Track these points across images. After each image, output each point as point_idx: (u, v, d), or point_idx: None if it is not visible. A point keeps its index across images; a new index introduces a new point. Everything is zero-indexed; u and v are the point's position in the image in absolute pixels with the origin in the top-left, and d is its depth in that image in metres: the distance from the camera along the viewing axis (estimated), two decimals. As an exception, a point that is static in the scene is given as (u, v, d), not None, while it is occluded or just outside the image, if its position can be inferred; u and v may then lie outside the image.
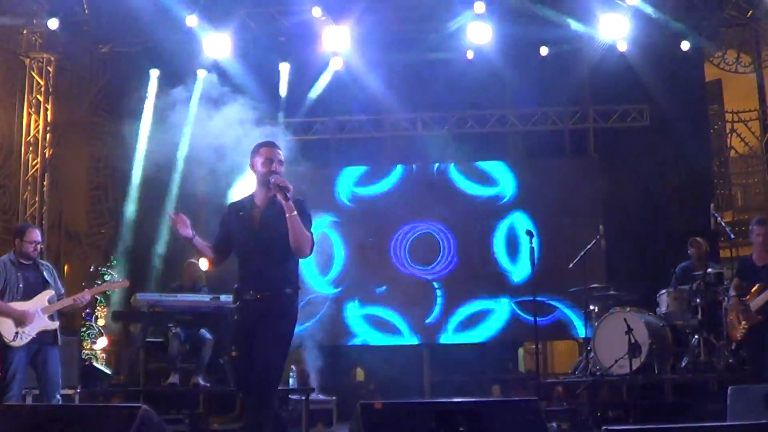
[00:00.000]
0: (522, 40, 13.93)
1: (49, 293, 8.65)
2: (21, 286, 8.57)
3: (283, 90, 14.26)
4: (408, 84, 14.45)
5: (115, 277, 15.03)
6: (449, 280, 14.37)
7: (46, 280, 8.70)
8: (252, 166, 6.24)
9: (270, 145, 6.23)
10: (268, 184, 6.05)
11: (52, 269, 9.00)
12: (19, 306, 8.46)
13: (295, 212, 5.90)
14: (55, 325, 8.63)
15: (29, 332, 8.44)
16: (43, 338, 8.53)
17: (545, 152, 15.21)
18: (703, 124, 15.18)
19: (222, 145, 13.10)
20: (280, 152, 6.22)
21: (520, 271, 14.15)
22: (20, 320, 8.40)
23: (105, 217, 16.14)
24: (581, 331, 12.91)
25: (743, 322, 9.44)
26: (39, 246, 8.80)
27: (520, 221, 14.28)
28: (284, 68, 14.36)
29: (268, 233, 6.06)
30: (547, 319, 13.92)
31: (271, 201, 6.10)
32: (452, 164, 14.67)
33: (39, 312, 8.52)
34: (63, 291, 8.99)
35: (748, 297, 9.43)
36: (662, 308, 11.16)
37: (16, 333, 8.39)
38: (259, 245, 6.08)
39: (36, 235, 8.76)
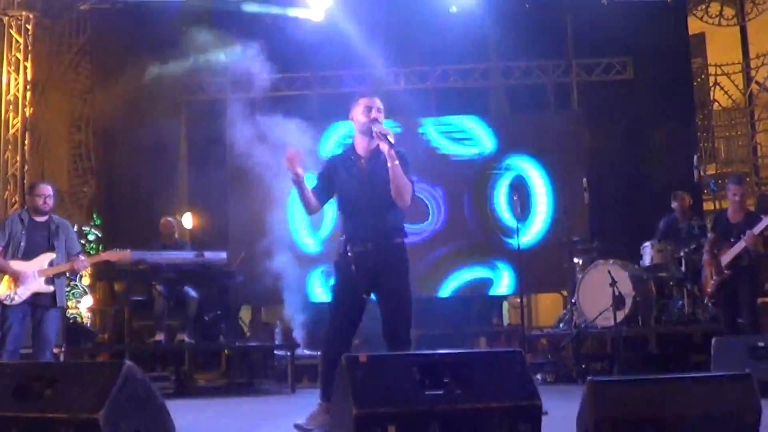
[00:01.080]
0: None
1: (49, 256, 8.62)
2: (23, 244, 8.56)
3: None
4: (390, 39, 14.34)
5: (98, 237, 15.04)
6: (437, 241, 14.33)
7: (52, 243, 8.66)
8: (352, 117, 6.31)
9: (369, 95, 6.34)
10: (369, 132, 6.15)
11: (69, 228, 8.95)
12: (16, 265, 8.45)
13: (397, 161, 5.98)
14: (51, 288, 8.59)
15: (21, 293, 8.42)
16: (39, 300, 8.52)
17: (528, 107, 15.19)
18: (687, 77, 15.17)
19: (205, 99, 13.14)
20: (379, 101, 6.28)
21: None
22: (15, 280, 8.38)
23: (87, 176, 16.07)
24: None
25: (714, 277, 9.53)
26: (49, 200, 8.74)
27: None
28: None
29: (376, 183, 6.13)
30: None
31: (374, 151, 6.21)
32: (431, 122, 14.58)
33: (35, 273, 8.49)
34: (78, 250, 8.96)
35: (720, 252, 9.51)
36: (646, 260, 11.20)
37: (9, 293, 8.38)
38: (367, 196, 6.17)
39: (46, 189, 8.74)
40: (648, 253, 11.17)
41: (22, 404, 4.73)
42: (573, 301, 11.29)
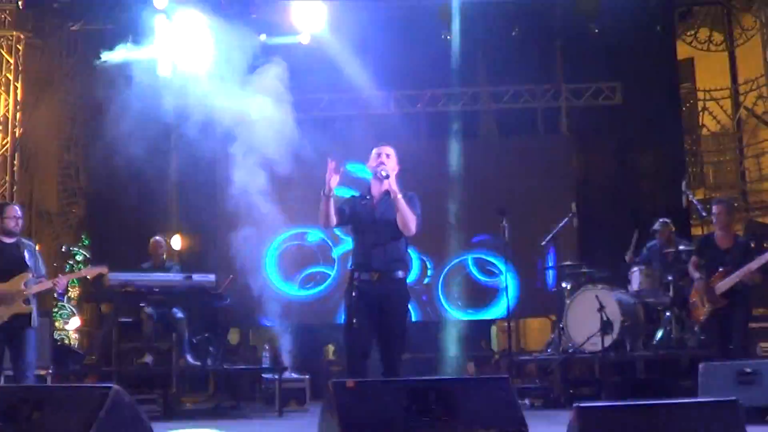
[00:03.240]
0: (494, 18, 13.91)
1: (25, 276, 8.53)
2: None
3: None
4: (380, 62, 14.38)
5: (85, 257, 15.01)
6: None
7: (25, 263, 8.61)
8: (368, 166, 7.05)
9: (379, 146, 7.07)
10: (377, 175, 6.88)
11: (35, 249, 8.88)
12: None
13: (400, 195, 6.74)
14: (30, 308, 8.51)
15: (2, 316, 8.37)
16: (16, 322, 8.46)
17: (518, 131, 15.24)
18: (675, 102, 15.28)
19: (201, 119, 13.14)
20: (389, 149, 7.02)
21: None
22: None
23: (76, 197, 16.06)
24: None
25: (707, 305, 9.48)
26: (20, 221, 8.68)
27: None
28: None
29: (384, 221, 6.85)
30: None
31: (385, 193, 6.90)
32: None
33: (13, 295, 8.44)
34: (44, 272, 8.91)
35: (712, 280, 9.46)
36: (634, 286, 11.20)
37: None
38: (375, 231, 6.86)
39: (15, 210, 8.66)
40: (636, 278, 11.17)
41: (9, 427, 4.71)
42: (561, 325, 11.28)
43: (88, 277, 9.67)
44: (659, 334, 11.00)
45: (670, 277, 10.82)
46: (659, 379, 11.03)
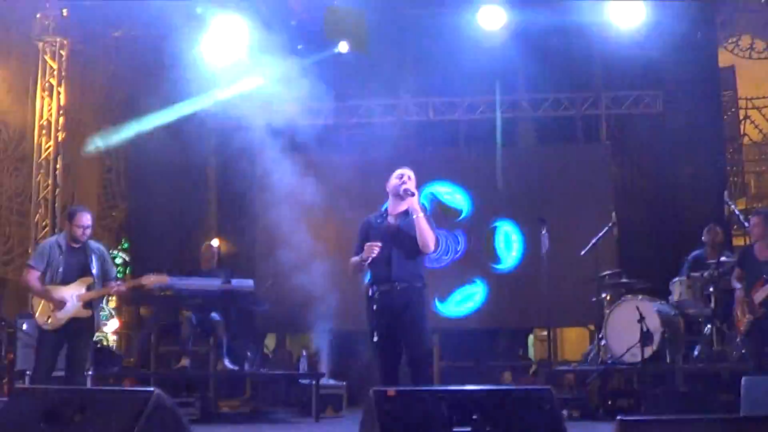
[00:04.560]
0: (534, 25, 13.86)
1: (87, 281, 8.62)
2: (60, 270, 8.56)
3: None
4: (419, 70, 14.38)
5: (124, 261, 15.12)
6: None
7: (89, 268, 8.67)
8: (388, 185, 7.38)
9: (402, 168, 7.39)
10: (398, 194, 7.25)
11: (104, 253, 8.96)
12: (57, 293, 8.47)
13: (422, 213, 7.12)
14: (89, 312, 8.60)
15: (60, 318, 8.45)
16: (76, 324, 8.54)
17: (557, 139, 15.18)
18: (717, 111, 15.10)
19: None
20: (410, 171, 7.36)
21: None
22: (56, 306, 8.42)
23: (117, 200, 16.17)
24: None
25: (747, 316, 9.40)
26: (88, 230, 8.72)
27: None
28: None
29: (401, 237, 7.19)
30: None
31: (403, 212, 7.29)
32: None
33: (74, 298, 8.51)
34: (114, 274, 9.00)
35: (752, 290, 9.38)
36: (675, 296, 11.10)
37: (49, 318, 8.42)
38: (392, 247, 7.17)
39: (86, 219, 8.70)
40: (677, 289, 11.06)
41: (52, 429, 4.76)
42: (600, 336, 11.20)
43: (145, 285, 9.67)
44: (699, 346, 10.89)
45: (711, 289, 10.70)
46: (699, 392, 10.91)
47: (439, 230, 7.56)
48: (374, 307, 7.11)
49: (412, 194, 7.15)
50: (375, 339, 7.09)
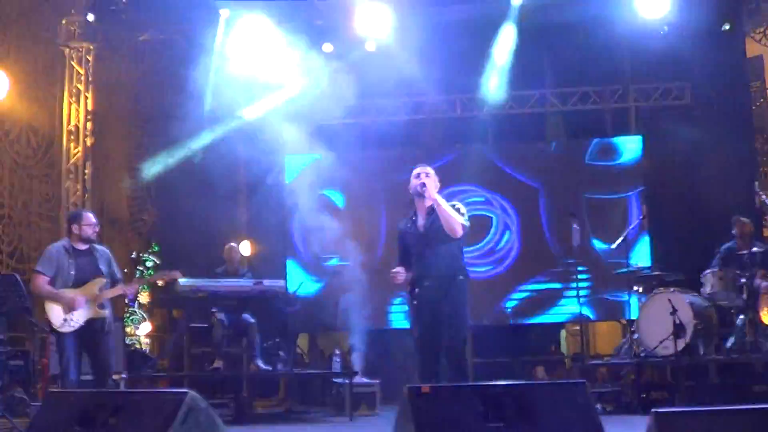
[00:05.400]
0: (562, 19, 13.83)
1: (100, 281, 8.65)
2: (72, 273, 8.58)
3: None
4: (445, 66, 14.36)
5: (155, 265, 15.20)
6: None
7: (99, 268, 8.73)
8: (410, 187, 7.51)
9: (419, 166, 7.55)
10: (419, 193, 7.39)
11: (110, 255, 9.00)
12: (68, 293, 8.49)
13: (441, 201, 7.23)
14: (105, 313, 8.62)
15: (77, 320, 8.48)
16: (93, 325, 8.58)
17: (586, 132, 15.12)
18: (745, 101, 15.01)
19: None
20: (428, 168, 7.50)
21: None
22: (68, 307, 8.45)
23: (146, 204, 16.24)
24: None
25: None
26: (96, 228, 8.81)
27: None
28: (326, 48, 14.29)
29: (433, 233, 7.29)
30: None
31: (429, 208, 7.38)
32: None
33: (88, 300, 8.55)
34: (120, 276, 9.03)
35: None
36: (707, 288, 11.02)
37: (65, 320, 8.44)
38: (426, 244, 7.32)
39: (92, 218, 8.80)
40: (709, 281, 10.99)
41: (87, 432, 4.78)
42: (632, 329, 11.15)
43: (159, 283, 9.77)
44: (732, 337, 10.82)
45: (743, 280, 10.63)
46: (733, 383, 10.86)
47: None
48: (414, 302, 7.33)
49: (424, 185, 7.30)
50: (416, 335, 7.31)
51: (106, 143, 15.33)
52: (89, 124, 14.55)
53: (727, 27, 13.85)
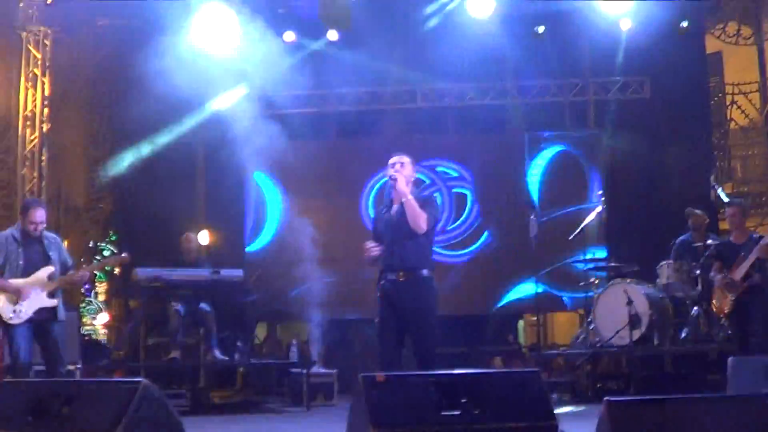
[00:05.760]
0: (522, 13, 13.87)
1: (49, 270, 8.56)
2: (21, 263, 8.48)
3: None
4: (407, 57, 14.36)
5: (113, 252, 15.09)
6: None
7: (49, 257, 8.63)
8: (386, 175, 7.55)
9: (396, 155, 7.52)
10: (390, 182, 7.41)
11: (59, 242, 8.91)
12: (16, 283, 8.40)
13: (410, 196, 7.20)
14: (54, 302, 8.52)
15: (26, 310, 8.38)
16: (42, 315, 8.49)
17: (545, 125, 15.18)
18: (704, 96, 15.16)
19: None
20: (405, 158, 7.48)
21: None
22: (17, 297, 8.36)
23: (104, 192, 16.10)
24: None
25: (729, 295, 9.50)
26: (40, 226, 8.63)
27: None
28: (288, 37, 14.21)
29: (402, 224, 7.26)
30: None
31: (401, 201, 7.32)
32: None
33: (37, 289, 8.46)
34: (71, 263, 8.94)
35: (731, 270, 9.50)
36: (662, 280, 11.15)
37: (14, 311, 8.35)
38: (396, 234, 7.30)
39: (38, 215, 8.60)
40: (664, 272, 11.12)
41: (39, 422, 4.75)
42: (589, 320, 11.24)
43: (108, 267, 9.69)
44: (687, 328, 10.94)
45: (698, 272, 10.75)
46: (687, 373, 10.98)
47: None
48: (379, 293, 7.32)
49: (395, 179, 7.27)
50: (377, 320, 7.34)
51: (64, 130, 15.16)
52: (46, 110, 14.37)
53: (685, 24, 13.92)
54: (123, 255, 9.56)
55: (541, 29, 14.10)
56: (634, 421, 4.54)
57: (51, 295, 8.53)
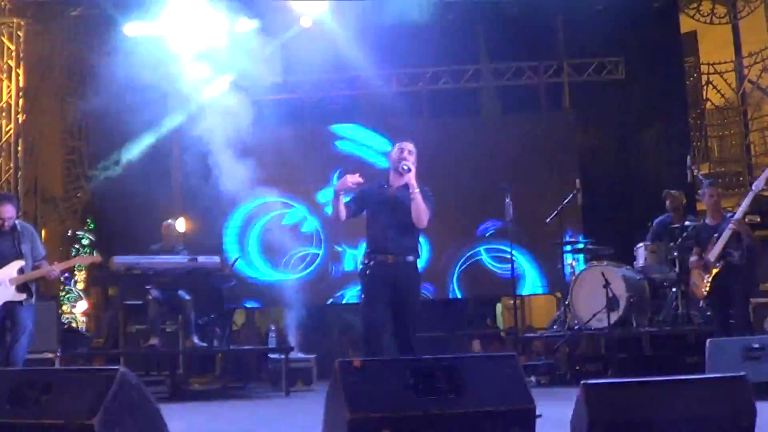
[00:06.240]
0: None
1: (18, 264, 8.55)
2: None
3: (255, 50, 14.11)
4: (381, 41, 14.34)
5: (90, 243, 15.04)
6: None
7: (20, 249, 8.60)
8: (389, 158, 7.62)
9: (402, 140, 7.50)
10: (397, 168, 7.34)
11: (33, 233, 8.89)
12: None
13: (418, 189, 7.19)
14: (22, 297, 8.55)
15: None
16: (11, 309, 8.50)
17: (520, 108, 15.20)
18: (679, 76, 15.23)
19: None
20: (411, 146, 7.45)
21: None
22: None
23: (81, 181, 16.05)
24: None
25: (705, 277, 9.49)
26: (9, 221, 8.60)
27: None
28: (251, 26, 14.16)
29: (400, 209, 7.27)
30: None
31: (403, 185, 7.32)
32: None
33: (6, 282, 8.44)
34: (44, 254, 8.92)
35: (706, 251, 9.51)
36: (639, 262, 11.17)
37: None
38: (391, 217, 7.30)
39: (5, 211, 8.57)
40: (641, 254, 11.13)
41: (17, 410, 4.74)
42: (567, 302, 11.27)
43: (80, 265, 9.66)
44: (665, 310, 10.97)
45: (676, 253, 10.77)
46: (666, 355, 11.03)
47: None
48: (367, 272, 7.29)
49: (408, 170, 7.25)
50: (362, 303, 7.33)
51: (39, 120, 15.10)
52: (21, 101, 14.32)
53: (657, 3, 13.97)
54: (94, 257, 9.56)
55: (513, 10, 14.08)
56: (611, 404, 4.58)
57: (19, 288, 8.51)
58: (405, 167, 7.26)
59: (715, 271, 9.37)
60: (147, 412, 4.94)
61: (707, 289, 9.45)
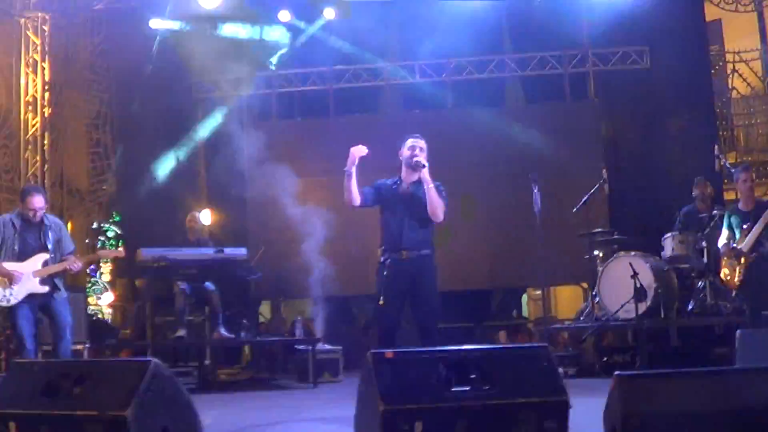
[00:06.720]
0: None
1: (43, 256, 8.61)
2: (16, 248, 8.55)
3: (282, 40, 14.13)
4: (405, 32, 14.33)
5: (115, 236, 15.12)
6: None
7: (45, 242, 8.67)
8: (400, 153, 7.65)
9: (415, 137, 7.65)
10: (411, 165, 7.50)
11: (62, 227, 8.95)
12: (9, 266, 8.45)
13: (432, 184, 7.37)
14: (45, 289, 8.60)
15: (17, 294, 8.43)
16: (34, 300, 8.57)
17: (545, 97, 15.13)
18: (704, 65, 15.07)
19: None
20: (423, 142, 7.59)
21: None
22: (9, 281, 8.39)
23: (106, 174, 16.11)
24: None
25: (738, 266, 9.41)
26: (40, 212, 8.67)
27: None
28: (283, 17, 14.18)
29: (414, 204, 7.46)
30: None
31: (416, 181, 7.52)
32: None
33: (30, 274, 8.49)
34: (73, 249, 8.99)
35: (738, 241, 9.43)
36: (667, 252, 11.08)
37: (4, 295, 8.39)
38: (406, 213, 7.47)
39: (36, 202, 8.64)
40: (669, 244, 11.05)
41: (51, 402, 4.77)
42: (594, 293, 11.21)
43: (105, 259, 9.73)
44: (693, 300, 10.89)
45: (703, 243, 10.69)
46: (694, 346, 10.95)
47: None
48: (385, 272, 7.38)
49: (423, 166, 7.39)
50: (380, 303, 7.33)
51: (65, 113, 15.18)
52: (47, 95, 14.40)
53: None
54: (119, 249, 9.61)
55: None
56: (645, 395, 4.55)
57: (44, 281, 8.57)
58: (420, 164, 7.41)
59: (748, 261, 9.30)
60: (179, 403, 4.97)
61: (740, 279, 9.38)
